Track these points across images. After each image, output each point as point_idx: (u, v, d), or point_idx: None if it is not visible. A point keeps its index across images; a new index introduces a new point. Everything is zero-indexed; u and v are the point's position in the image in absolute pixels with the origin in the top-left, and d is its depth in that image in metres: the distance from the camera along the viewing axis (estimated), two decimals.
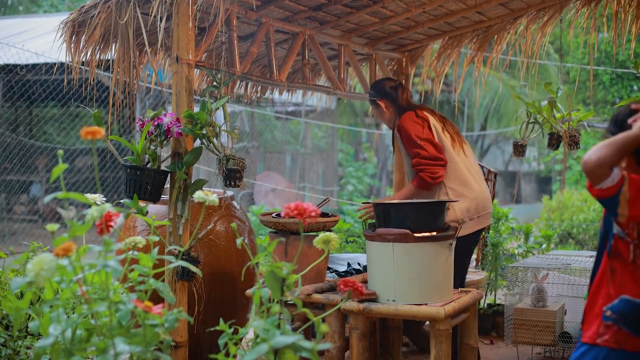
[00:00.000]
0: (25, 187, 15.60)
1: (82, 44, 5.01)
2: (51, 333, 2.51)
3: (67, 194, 2.57)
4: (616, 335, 2.90)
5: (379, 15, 5.84)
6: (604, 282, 2.94)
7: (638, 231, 2.90)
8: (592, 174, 2.78)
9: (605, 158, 2.74)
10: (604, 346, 2.93)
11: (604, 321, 2.92)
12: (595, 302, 2.97)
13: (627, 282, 2.90)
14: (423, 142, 5.31)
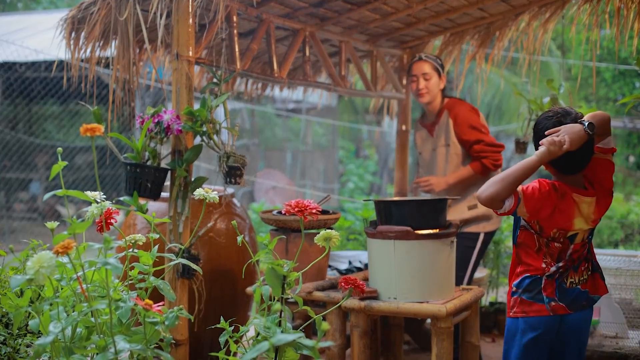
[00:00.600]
0: (25, 185, 15.60)
1: (82, 40, 5.00)
2: (51, 331, 2.50)
3: (67, 191, 2.55)
4: (521, 305, 3.50)
5: (380, 11, 5.81)
6: (514, 265, 3.54)
7: (539, 225, 3.43)
8: (488, 206, 3.32)
9: (496, 194, 3.25)
10: (515, 317, 3.54)
11: (512, 296, 3.53)
12: (510, 280, 3.57)
13: (530, 265, 3.48)
14: (484, 130, 5.47)
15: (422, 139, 5.71)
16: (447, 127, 5.45)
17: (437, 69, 5.47)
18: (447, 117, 5.47)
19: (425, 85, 5.44)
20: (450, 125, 5.47)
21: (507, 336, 3.63)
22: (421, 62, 5.52)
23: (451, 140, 5.46)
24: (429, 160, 5.59)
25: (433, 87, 5.47)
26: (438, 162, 5.52)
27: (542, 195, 3.33)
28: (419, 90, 5.48)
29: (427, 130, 5.66)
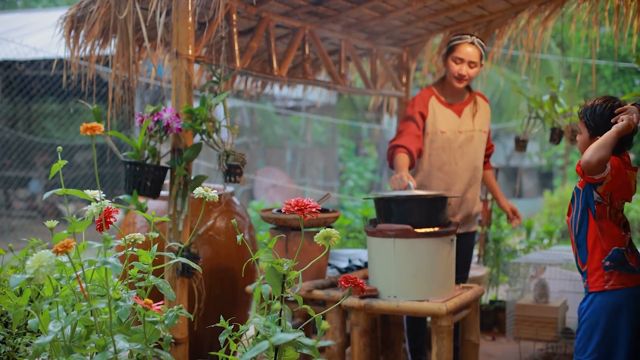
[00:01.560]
0: (24, 183, 15.59)
1: (81, 39, 5.00)
2: (50, 330, 2.49)
3: (67, 190, 2.55)
4: (619, 277, 3.66)
5: (379, 9, 5.81)
6: (597, 242, 3.68)
7: (610, 197, 3.71)
8: (592, 171, 3.58)
9: (603, 158, 3.53)
10: (612, 289, 3.65)
11: (606, 270, 3.67)
12: (593, 259, 3.71)
13: (614, 236, 3.69)
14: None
15: (443, 116, 5.19)
16: (485, 114, 5.28)
17: (481, 58, 5.11)
18: (486, 105, 5.33)
19: (467, 72, 5.06)
20: (488, 113, 5.33)
21: (599, 311, 3.69)
22: (472, 46, 5.06)
23: (488, 129, 5.32)
24: (457, 141, 5.18)
25: (473, 76, 5.13)
26: (474, 147, 5.22)
27: (620, 167, 3.67)
28: (461, 75, 5.07)
29: (453, 110, 5.21)
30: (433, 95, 5.20)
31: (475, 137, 5.18)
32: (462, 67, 5.03)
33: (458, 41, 5.05)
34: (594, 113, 3.73)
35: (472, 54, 5.02)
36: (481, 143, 5.22)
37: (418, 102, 5.15)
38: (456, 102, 5.21)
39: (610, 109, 3.70)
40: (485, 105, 5.29)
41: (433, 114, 5.14)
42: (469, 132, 5.17)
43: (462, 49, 5.02)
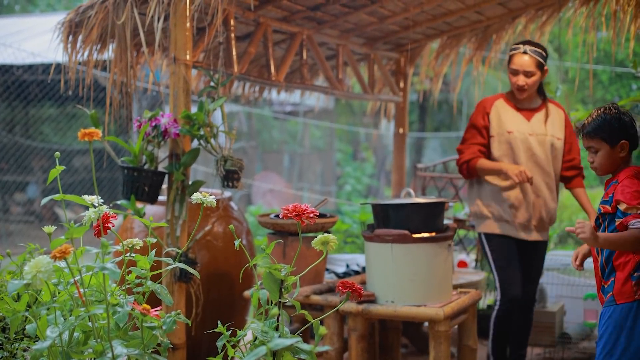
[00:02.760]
0: (22, 188, 15.57)
1: (79, 44, 5.00)
2: (48, 335, 2.49)
3: (64, 195, 2.55)
4: None
5: (377, 14, 5.82)
6: (623, 254, 3.64)
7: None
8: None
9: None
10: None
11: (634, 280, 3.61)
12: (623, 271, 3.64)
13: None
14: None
15: (510, 117, 5.07)
16: (560, 122, 5.10)
17: (540, 65, 4.94)
18: (560, 112, 5.15)
19: (526, 82, 4.93)
20: (564, 122, 5.12)
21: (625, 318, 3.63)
22: (526, 57, 4.93)
23: (563, 136, 5.10)
24: (526, 143, 5.01)
25: (534, 85, 4.98)
26: (547, 152, 5.03)
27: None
28: (520, 87, 4.97)
29: (522, 113, 5.08)
30: (501, 98, 5.14)
31: (548, 141, 5.02)
32: (519, 78, 4.94)
33: (512, 52, 4.98)
34: (605, 123, 3.70)
35: (527, 64, 4.91)
36: (555, 149, 5.05)
37: (482, 106, 5.12)
38: (526, 108, 5.09)
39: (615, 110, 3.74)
40: (560, 113, 5.13)
41: (497, 116, 5.06)
42: (541, 135, 5.03)
43: (516, 60, 4.94)
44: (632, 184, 3.62)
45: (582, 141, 3.79)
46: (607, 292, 3.68)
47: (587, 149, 3.76)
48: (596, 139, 3.70)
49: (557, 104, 5.17)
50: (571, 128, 5.13)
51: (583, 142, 3.78)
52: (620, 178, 3.66)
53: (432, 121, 21.03)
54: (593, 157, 3.75)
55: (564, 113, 5.14)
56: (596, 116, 3.72)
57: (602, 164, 3.73)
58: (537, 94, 5.09)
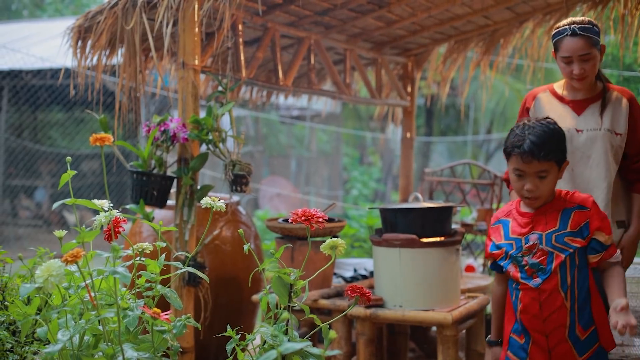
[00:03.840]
0: (30, 192, 15.61)
1: (88, 49, 5.03)
2: (59, 339, 2.50)
3: (75, 200, 2.57)
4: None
5: (384, 19, 5.83)
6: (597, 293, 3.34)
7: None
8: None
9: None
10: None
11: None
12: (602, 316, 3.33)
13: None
14: None
15: (553, 111, 4.14)
16: (620, 112, 4.07)
17: (595, 43, 3.95)
18: (622, 100, 4.10)
19: (583, 68, 3.94)
20: (625, 111, 4.07)
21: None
22: (576, 39, 3.92)
23: (624, 130, 4.06)
24: (573, 142, 4.06)
25: (594, 69, 3.99)
26: (599, 150, 4.06)
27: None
28: (576, 75, 3.97)
29: (571, 106, 4.13)
30: (547, 90, 4.24)
31: (600, 137, 4.03)
32: (574, 67, 3.96)
33: (558, 36, 3.99)
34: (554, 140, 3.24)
35: (579, 47, 3.91)
36: (611, 146, 4.04)
37: (524, 100, 4.31)
38: (579, 98, 4.12)
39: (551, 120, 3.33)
40: (622, 101, 4.09)
41: (539, 109, 4.20)
42: (593, 131, 4.04)
43: (564, 45, 3.96)
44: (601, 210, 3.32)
45: (522, 166, 3.22)
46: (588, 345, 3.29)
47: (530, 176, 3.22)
48: (550, 161, 3.22)
49: (621, 89, 4.15)
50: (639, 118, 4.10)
51: (525, 167, 3.22)
52: (587, 203, 3.29)
53: (439, 125, 21.03)
54: (537, 184, 3.23)
55: (627, 100, 4.08)
56: (542, 132, 3.21)
57: (548, 192, 3.28)
58: (595, 79, 4.10)
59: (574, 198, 3.32)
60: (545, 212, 3.31)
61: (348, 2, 5.30)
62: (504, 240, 3.39)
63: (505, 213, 3.48)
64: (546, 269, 3.25)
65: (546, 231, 3.27)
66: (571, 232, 3.24)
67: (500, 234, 3.42)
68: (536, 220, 3.31)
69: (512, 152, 3.24)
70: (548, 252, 3.25)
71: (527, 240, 3.30)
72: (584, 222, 3.25)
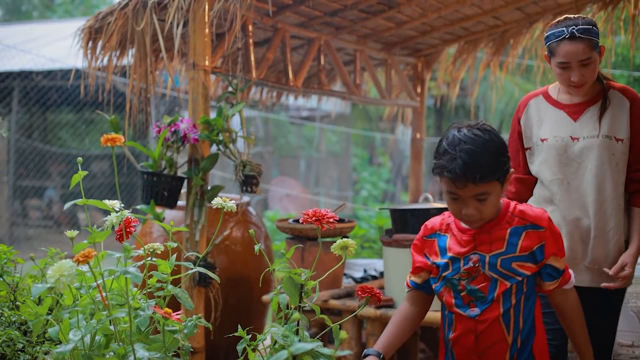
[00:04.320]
0: (40, 193, 15.66)
1: (99, 50, 5.04)
2: (71, 339, 2.51)
3: (87, 200, 2.57)
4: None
5: (394, 20, 5.83)
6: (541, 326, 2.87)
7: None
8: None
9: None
10: None
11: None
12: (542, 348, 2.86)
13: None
14: None
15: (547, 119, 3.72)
16: (622, 114, 3.59)
17: (595, 45, 3.48)
18: (623, 100, 3.61)
19: (582, 74, 3.49)
20: (627, 113, 3.59)
21: None
22: (575, 43, 3.44)
23: (626, 135, 3.58)
24: (568, 152, 3.63)
25: (594, 73, 3.53)
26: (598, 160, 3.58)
27: None
28: (574, 82, 3.52)
29: (567, 111, 3.68)
30: (540, 94, 3.78)
31: (597, 145, 3.56)
32: (573, 73, 3.50)
33: (555, 40, 3.50)
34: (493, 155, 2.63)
35: (579, 52, 3.45)
36: (611, 155, 3.56)
37: (517, 109, 3.83)
38: (575, 102, 3.67)
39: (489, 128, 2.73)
40: (624, 102, 3.60)
41: (530, 118, 3.76)
42: (590, 138, 3.59)
43: (562, 50, 3.49)
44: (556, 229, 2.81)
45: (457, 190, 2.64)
46: None
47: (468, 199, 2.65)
48: (492, 181, 2.63)
49: (622, 87, 3.66)
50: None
51: (460, 192, 2.64)
52: (542, 221, 2.74)
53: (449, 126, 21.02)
54: (478, 207, 2.66)
55: (629, 100, 3.60)
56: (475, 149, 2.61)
57: (491, 212, 2.72)
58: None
59: (526, 214, 2.75)
60: (490, 231, 2.74)
61: (358, 3, 5.30)
62: (439, 259, 2.83)
63: (442, 226, 2.89)
64: (487, 297, 2.72)
65: (490, 253, 2.71)
66: (521, 257, 2.71)
67: (435, 250, 2.86)
68: (479, 239, 2.74)
69: (441, 175, 2.66)
70: (491, 278, 2.71)
71: (467, 261, 2.75)
72: (538, 245, 2.72)
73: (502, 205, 2.78)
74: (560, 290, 2.83)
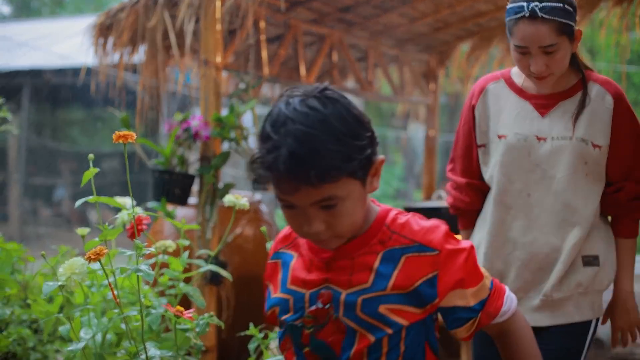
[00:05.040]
0: (51, 191, 15.68)
1: (110, 47, 5.02)
2: (82, 337, 2.50)
3: (98, 198, 2.55)
4: None
5: (407, 16, 5.80)
6: None
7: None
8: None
9: None
10: None
11: None
12: None
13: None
14: None
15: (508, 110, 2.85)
16: (602, 115, 2.74)
17: (565, 29, 2.62)
18: (605, 97, 2.75)
19: (546, 64, 2.65)
20: (609, 114, 2.74)
21: None
22: (536, 24, 2.61)
23: (605, 142, 2.74)
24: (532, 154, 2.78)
25: (561, 63, 2.67)
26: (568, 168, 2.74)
27: None
28: (536, 73, 2.67)
29: (533, 102, 2.81)
30: (501, 78, 2.91)
31: (570, 150, 2.73)
32: (533, 62, 2.67)
33: (512, 18, 2.70)
34: (334, 137, 1.61)
35: (540, 36, 2.61)
36: (584, 164, 2.74)
37: (471, 95, 2.95)
38: (546, 92, 2.81)
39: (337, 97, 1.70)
40: (607, 100, 2.75)
41: (487, 107, 2.89)
42: (560, 140, 2.75)
43: (519, 31, 2.67)
44: (460, 246, 1.79)
45: (289, 197, 1.63)
46: None
47: (308, 209, 1.64)
48: (340, 179, 1.62)
49: (605, 80, 2.80)
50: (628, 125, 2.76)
51: (293, 199, 1.63)
52: (433, 241, 1.73)
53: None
54: (327, 219, 1.65)
55: (612, 97, 2.75)
56: (311, 130, 1.59)
57: (349, 223, 1.69)
58: (570, 67, 2.79)
59: (410, 229, 1.74)
60: (353, 254, 1.73)
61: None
62: (279, 292, 1.81)
63: (290, 239, 1.88)
64: (339, 359, 1.73)
65: (349, 289, 1.70)
66: (395, 296, 1.70)
67: (278, 278, 1.84)
68: (335, 266, 1.73)
69: (262, 175, 1.65)
70: (346, 328, 1.71)
71: (314, 299, 1.73)
72: (425, 278, 1.71)
73: (374, 215, 1.79)
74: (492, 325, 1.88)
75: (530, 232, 2.78)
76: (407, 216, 1.78)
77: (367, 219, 1.77)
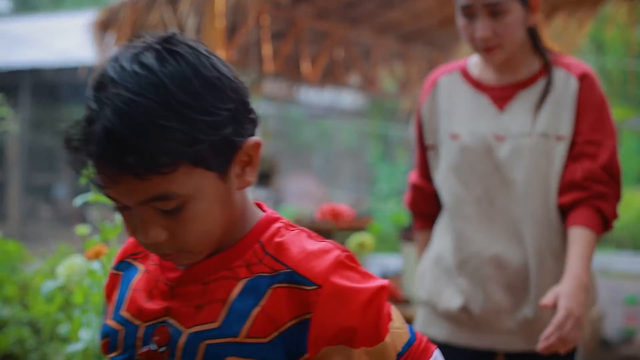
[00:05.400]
0: (50, 189, 15.67)
1: (111, 43, 4.99)
2: (82, 337, 2.46)
3: (98, 196, 2.51)
4: None
5: (411, 12, 5.75)
6: None
7: None
8: None
9: None
10: None
11: None
12: None
13: None
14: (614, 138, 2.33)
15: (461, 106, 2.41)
16: (565, 101, 2.29)
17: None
18: (569, 81, 2.30)
19: (493, 28, 2.22)
20: (572, 97, 2.29)
21: None
22: None
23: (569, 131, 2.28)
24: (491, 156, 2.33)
25: (510, 31, 2.24)
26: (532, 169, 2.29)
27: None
28: (482, 39, 2.23)
29: (491, 96, 2.37)
30: (457, 70, 2.45)
31: (529, 149, 2.29)
32: (481, 24, 2.23)
33: None
34: (192, 98, 1.11)
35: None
36: (549, 163, 2.29)
37: (423, 89, 2.55)
38: (504, 83, 2.37)
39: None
40: (572, 83, 2.29)
41: (437, 103, 2.45)
42: (519, 137, 2.31)
43: None
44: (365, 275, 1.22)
45: (109, 191, 1.14)
46: None
47: (140, 209, 1.14)
48: (182, 168, 1.12)
49: (571, 63, 2.35)
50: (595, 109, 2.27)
51: (115, 193, 1.14)
52: (313, 270, 1.16)
53: None
54: (169, 225, 1.15)
55: (577, 79, 2.29)
56: (139, 92, 1.10)
57: (204, 236, 1.18)
58: (533, 53, 2.38)
59: (285, 252, 1.20)
60: (206, 277, 1.22)
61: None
62: (111, 319, 1.30)
63: (142, 250, 1.31)
64: None
65: (193, 327, 1.19)
66: (253, 346, 1.17)
67: (114, 298, 1.33)
68: (180, 292, 1.22)
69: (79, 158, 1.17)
70: None
71: (149, 336, 1.23)
72: (293, 322, 1.16)
73: (251, 225, 1.25)
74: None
75: (494, 247, 2.33)
76: (293, 232, 1.24)
77: (241, 229, 1.24)
